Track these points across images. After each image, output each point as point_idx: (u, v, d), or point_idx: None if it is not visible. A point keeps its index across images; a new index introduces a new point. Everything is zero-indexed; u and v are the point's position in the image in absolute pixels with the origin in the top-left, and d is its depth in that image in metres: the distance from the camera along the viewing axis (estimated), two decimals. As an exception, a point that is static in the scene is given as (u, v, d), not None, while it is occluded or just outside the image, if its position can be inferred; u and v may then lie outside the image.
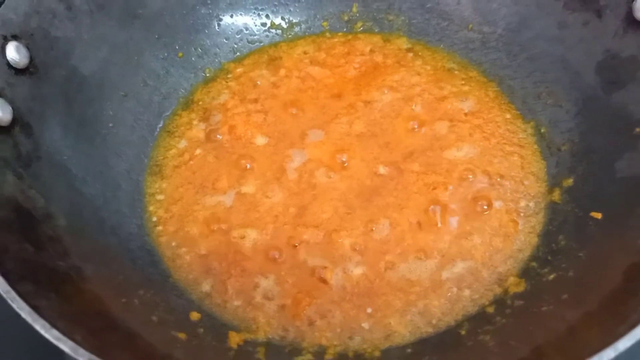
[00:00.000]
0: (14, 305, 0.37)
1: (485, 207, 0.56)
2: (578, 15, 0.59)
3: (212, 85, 0.69)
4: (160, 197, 0.61)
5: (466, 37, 0.69)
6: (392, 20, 0.72)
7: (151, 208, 0.60)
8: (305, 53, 0.71)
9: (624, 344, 0.34)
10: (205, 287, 0.54)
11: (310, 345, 0.51)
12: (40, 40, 0.54)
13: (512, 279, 0.52)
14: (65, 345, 0.35)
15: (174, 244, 0.57)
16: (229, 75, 0.69)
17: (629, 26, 0.55)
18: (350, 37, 0.72)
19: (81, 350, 0.35)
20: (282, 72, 0.69)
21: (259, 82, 0.68)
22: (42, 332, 0.36)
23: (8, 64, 0.51)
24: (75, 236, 0.49)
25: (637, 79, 0.54)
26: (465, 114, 0.63)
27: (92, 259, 0.48)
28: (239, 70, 0.70)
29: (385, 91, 0.66)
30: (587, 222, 0.51)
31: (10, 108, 0.50)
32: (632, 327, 0.35)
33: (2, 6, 0.52)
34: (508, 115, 0.63)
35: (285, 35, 0.72)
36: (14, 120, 0.50)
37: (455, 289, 0.53)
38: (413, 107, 0.64)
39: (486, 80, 0.66)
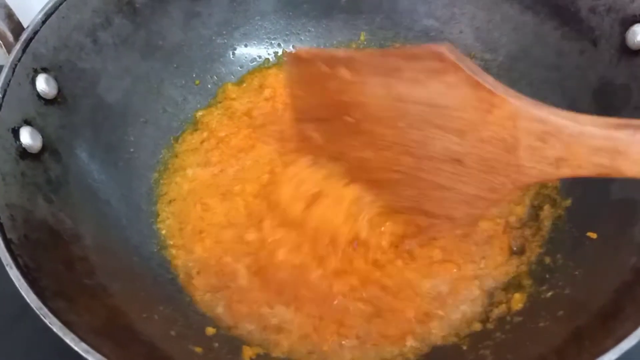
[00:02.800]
0: (47, 321, 0.40)
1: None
2: (575, 44, 0.62)
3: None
4: (170, 220, 0.64)
5: (469, 64, 0.72)
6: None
7: (164, 232, 0.63)
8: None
9: (609, 357, 0.36)
10: (219, 309, 0.57)
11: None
12: (68, 72, 0.58)
13: (516, 296, 0.55)
14: (93, 357, 0.38)
15: (189, 264, 0.60)
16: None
17: (623, 55, 0.57)
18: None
19: (108, 362, 0.38)
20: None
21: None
22: (72, 345, 0.39)
23: (38, 95, 0.55)
24: (101, 255, 0.53)
25: (630, 105, 0.56)
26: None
27: (116, 277, 0.52)
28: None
29: None
30: (584, 242, 0.54)
31: (41, 136, 0.54)
32: (618, 341, 0.37)
33: (33, 41, 0.55)
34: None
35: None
36: (44, 147, 0.54)
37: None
38: None
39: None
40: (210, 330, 0.54)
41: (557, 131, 0.38)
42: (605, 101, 0.59)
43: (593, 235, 0.53)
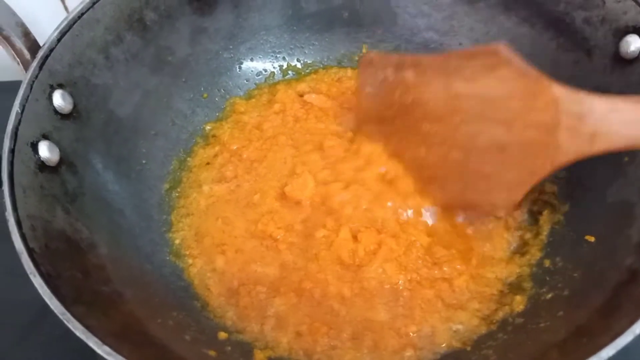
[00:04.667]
0: (70, 325, 0.42)
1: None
2: (570, 54, 0.64)
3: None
4: (185, 232, 0.65)
5: (468, 74, 0.74)
6: (400, 60, 0.77)
7: (178, 241, 0.65)
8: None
9: (607, 352, 0.38)
10: (231, 315, 0.59)
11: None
12: (82, 87, 0.60)
13: (517, 298, 0.57)
14: (115, 359, 0.40)
15: (207, 273, 0.62)
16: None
17: (616, 64, 0.59)
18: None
19: (130, 364, 0.40)
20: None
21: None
22: (95, 348, 0.41)
23: (55, 110, 0.57)
24: (115, 264, 0.55)
25: (624, 112, 0.58)
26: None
27: (131, 284, 0.54)
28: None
29: None
30: (582, 245, 0.56)
31: (58, 149, 0.56)
32: (614, 337, 0.39)
33: (49, 58, 0.57)
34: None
35: (300, 75, 0.79)
36: (61, 160, 0.56)
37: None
38: None
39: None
40: (222, 335, 0.56)
41: (592, 109, 0.43)
42: (601, 109, 0.61)
43: (591, 239, 0.55)
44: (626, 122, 0.41)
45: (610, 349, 0.38)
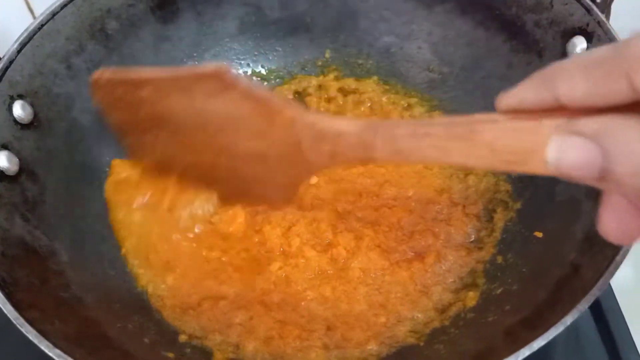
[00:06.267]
0: (23, 330, 0.43)
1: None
2: (522, 56, 0.66)
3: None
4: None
5: (428, 77, 0.76)
6: (362, 64, 0.79)
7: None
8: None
9: (538, 343, 0.40)
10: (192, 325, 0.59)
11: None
12: (43, 97, 0.61)
13: (470, 294, 0.58)
14: (67, 362, 0.41)
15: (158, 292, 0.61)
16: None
17: (564, 64, 0.62)
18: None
19: (79, 366, 0.41)
20: None
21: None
22: (47, 351, 0.42)
23: (14, 121, 0.57)
24: (76, 270, 0.55)
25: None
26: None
27: (92, 289, 0.55)
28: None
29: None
30: (531, 241, 0.57)
31: (17, 159, 0.56)
32: (546, 329, 0.41)
33: (9, 69, 0.58)
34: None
35: (265, 81, 0.80)
36: (21, 169, 0.56)
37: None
38: None
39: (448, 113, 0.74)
40: (182, 338, 0.57)
41: (324, 134, 0.44)
42: (551, 108, 0.62)
43: (539, 235, 0.57)
44: (352, 146, 0.42)
45: (542, 340, 0.40)
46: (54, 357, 0.42)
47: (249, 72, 0.79)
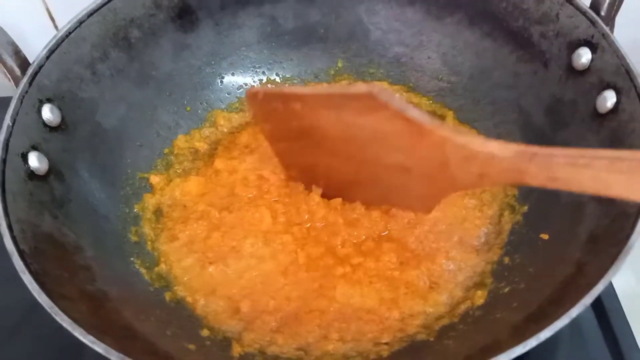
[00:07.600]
0: (57, 318, 0.45)
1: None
2: (528, 66, 0.69)
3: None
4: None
5: (437, 85, 0.79)
6: (373, 73, 0.82)
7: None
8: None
9: (545, 334, 0.42)
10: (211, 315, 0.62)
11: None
12: (69, 101, 0.64)
13: (478, 293, 0.60)
14: (99, 347, 0.44)
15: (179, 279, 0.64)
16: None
17: (570, 75, 0.64)
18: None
19: (113, 351, 0.43)
20: None
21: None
22: (81, 337, 0.44)
23: (44, 123, 0.60)
24: (100, 265, 0.58)
25: (577, 118, 0.62)
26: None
27: (115, 284, 0.57)
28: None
29: None
30: (537, 242, 0.60)
31: (47, 160, 0.59)
32: (553, 321, 0.43)
33: (38, 74, 0.60)
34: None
35: (280, 88, 0.83)
36: (50, 170, 0.59)
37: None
38: None
39: (458, 123, 0.76)
40: (204, 332, 0.59)
41: (474, 155, 0.45)
42: (556, 115, 0.65)
43: (545, 236, 0.59)
44: (503, 170, 0.43)
45: (548, 331, 0.42)
46: (87, 342, 0.44)
47: (264, 79, 0.82)
